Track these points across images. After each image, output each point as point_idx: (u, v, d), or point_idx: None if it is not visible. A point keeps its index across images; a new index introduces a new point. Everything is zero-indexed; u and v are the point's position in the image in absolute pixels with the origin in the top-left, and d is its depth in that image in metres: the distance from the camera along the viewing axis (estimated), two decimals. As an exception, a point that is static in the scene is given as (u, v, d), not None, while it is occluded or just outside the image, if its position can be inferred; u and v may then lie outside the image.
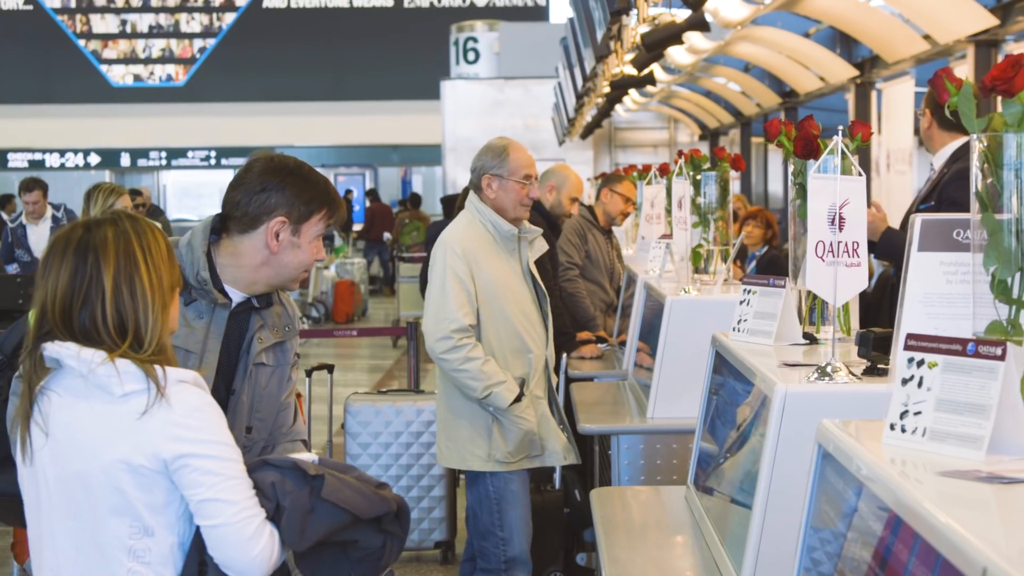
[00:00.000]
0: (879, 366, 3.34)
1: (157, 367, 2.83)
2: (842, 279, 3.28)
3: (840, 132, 3.37)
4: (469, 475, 5.70)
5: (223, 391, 3.52)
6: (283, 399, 3.69)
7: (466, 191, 6.18)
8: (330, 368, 8.28)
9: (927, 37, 10.45)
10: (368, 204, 27.49)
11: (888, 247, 5.36)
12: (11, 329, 3.69)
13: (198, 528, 2.86)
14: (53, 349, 2.86)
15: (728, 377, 4.00)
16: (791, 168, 4.01)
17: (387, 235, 24.79)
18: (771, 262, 9.27)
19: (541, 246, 5.80)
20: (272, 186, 3.48)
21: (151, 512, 2.83)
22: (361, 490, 3.02)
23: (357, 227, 28.20)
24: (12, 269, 10.90)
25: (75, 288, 2.86)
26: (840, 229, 3.26)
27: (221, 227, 3.55)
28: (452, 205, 9.96)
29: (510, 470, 5.59)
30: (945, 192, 5.43)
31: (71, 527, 2.87)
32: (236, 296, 3.54)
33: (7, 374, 3.46)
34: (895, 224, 5.53)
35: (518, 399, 5.52)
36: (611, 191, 8.55)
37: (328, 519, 2.94)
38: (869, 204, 4.74)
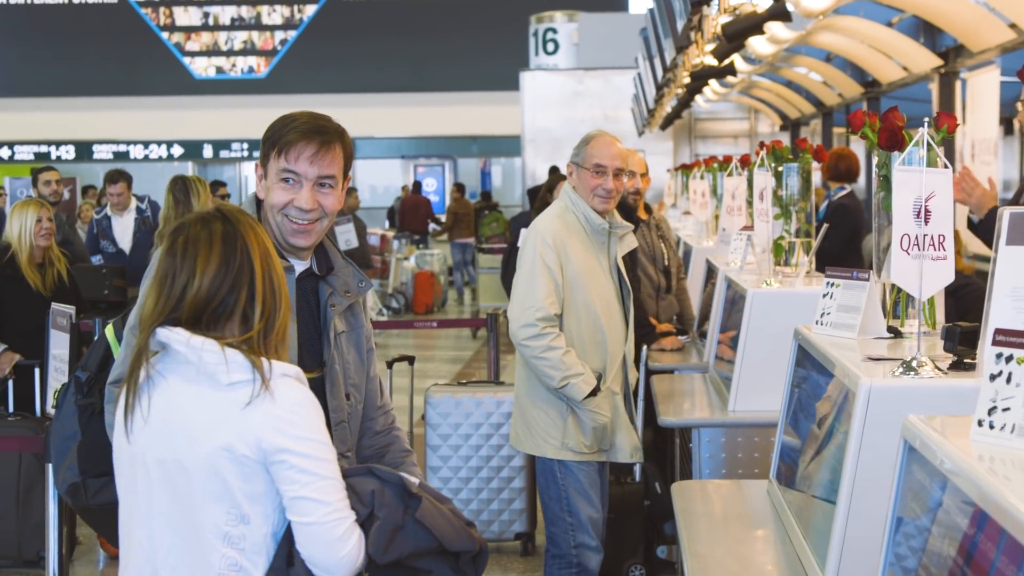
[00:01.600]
0: (965, 361, 3.31)
1: (264, 360, 2.86)
2: (927, 272, 3.25)
3: (926, 123, 3.33)
4: (539, 461, 5.73)
5: (313, 364, 3.53)
6: (371, 372, 3.71)
7: (550, 183, 6.17)
8: (411, 359, 8.31)
9: (1013, 26, 10.31)
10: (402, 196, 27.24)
11: (990, 226, 5.28)
12: (93, 347, 3.73)
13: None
14: (164, 334, 2.90)
15: (811, 371, 3.97)
16: (875, 160, 3.97)
17: (433, 226, 24.50)
18: (838, 208, 9.26)
19: (631, 242, 5.80)
20: None
21: (249, 501, 2.85)
22: (452, 521, 3.03)
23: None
24: (97, 260, 11.02)
25: (225, 276, 2.90)
26: (926, 222, 3.23)
27: None
28: (536, 196, 9.97)
29: (581, 460, 5.61)
30: None
31: (170, 510, 2.89)
32: (299, 265, 3.53)
33: (97, 388, 3.50)
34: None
35: (594, 393, 5.53)
36: None
37: (414, 540, 2.95)
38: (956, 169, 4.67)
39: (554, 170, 21.82)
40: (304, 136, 3.40)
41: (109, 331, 3.61)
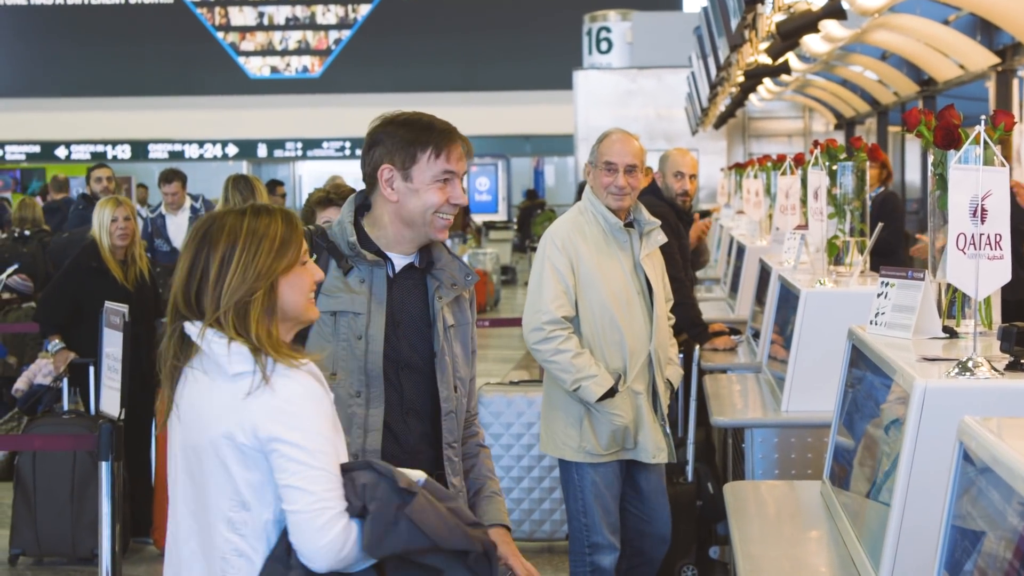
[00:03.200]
0: (1022, 361, 3.27)
1: (271, 355, 2.94)
2: (984, 272, 3.22)
3: (983, 121, 3.30)
4: (560, 462, 5.78)
5: (423, 355, 3.65)
6: (473, 370, 3.81)
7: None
8: (462, 358, 8.31)
9: (1072, 23, 10.20)
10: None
11: None
12: None
13: None
14: (187, 327, 3.01)
15: (865, 371, 3.94)
16: (931, 158, 3.94)
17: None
18: (885, 202, 9.26)
19: (658, 239, 5.76)
20: (375, 140, 3.65)
21: (249, 488, 2.93)
22: (447, 520, 2.99)
23: None
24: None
25: (191, 270, 3.02)
26: (982, 221, 3.19)
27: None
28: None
29: (600, 462, 5.61)
30: None
31: (188, 494, 3.02)
32: (400, 260, 3.66)
33: None
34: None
35: (610, 394, 5.51)
36: None
37: (407, 537, 2.93)
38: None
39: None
40: (455, 137, 3.62)
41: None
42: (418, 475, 3.06)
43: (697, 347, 7.16)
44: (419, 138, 3.58)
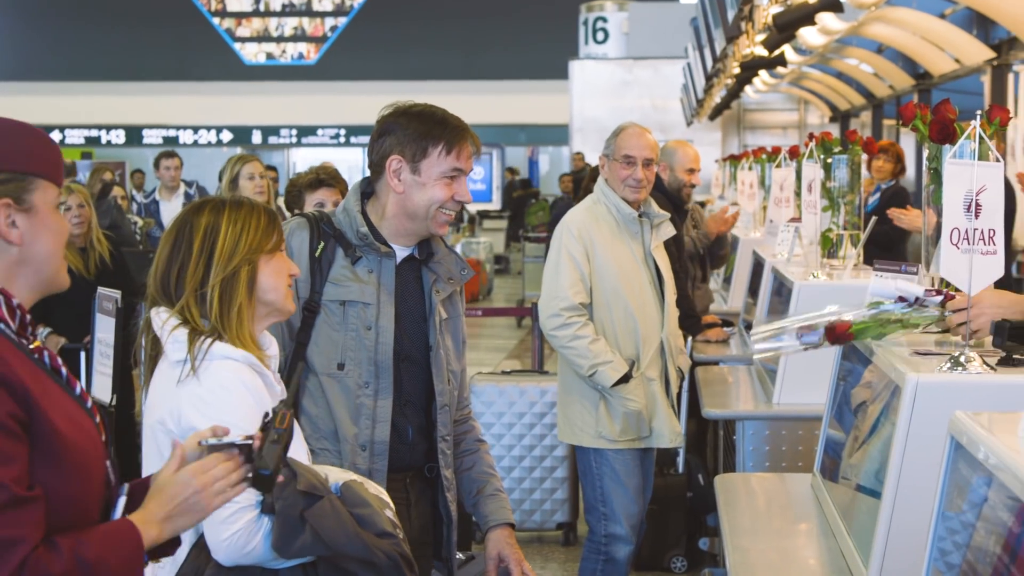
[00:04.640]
0: (1015, 356, 3.27)
1: (207, 341, 2.95)
2: (977, 267, 3.21)
3: (978, 116, 3.29)
4: (577, 449, 5.79)
5: (418, 348, 3.65)
6: (463, 362, 3.81)
7: (593, 173, 6.19)
8: (455, 347, 8.30)
9: (1068, 19, 10.19)
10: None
11: None
12: None
13: None
14: (153, 317, 3.03)
15: (857, 364, 3.94)
16: (926, 152, 3.93)
17: None
18: (895, 195, 9.28)
19: (667, 231, 5.80)
20: (387, 129, 3.61)
21: None
22: (347, 527, 2.89)
23: None
24: (145, 245, 11.11)
25: (171, 259, 3.04)
26: (976, 216, 3.19)
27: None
28: (580, 184, 9.98)
29: (616, 448, 5.62)
30: None
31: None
32: (400, 251, 3.65)
33: None
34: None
35: (625, 379, 5.53)
36: None
37: (312, 541, 2.87)
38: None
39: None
40: (467, 136, 3.61)
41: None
42: (337, 477, 3.00)
43: (689, 338, 7.16)
44: (432, 132, 3.56)
